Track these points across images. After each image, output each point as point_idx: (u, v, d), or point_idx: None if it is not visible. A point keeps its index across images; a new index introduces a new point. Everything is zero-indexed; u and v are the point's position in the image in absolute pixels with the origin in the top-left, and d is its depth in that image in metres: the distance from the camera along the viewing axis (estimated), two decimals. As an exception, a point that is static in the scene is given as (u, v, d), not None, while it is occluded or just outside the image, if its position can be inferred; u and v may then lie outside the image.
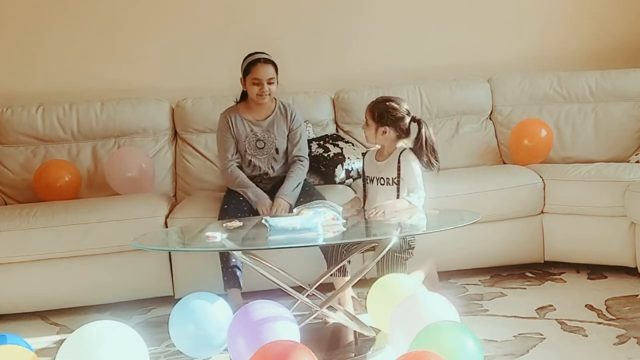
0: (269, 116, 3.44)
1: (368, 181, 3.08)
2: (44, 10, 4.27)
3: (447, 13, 4.53)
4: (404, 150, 2.99)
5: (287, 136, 3.46)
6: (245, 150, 3.41)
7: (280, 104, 3.48)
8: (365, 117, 3.02)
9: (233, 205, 3.26)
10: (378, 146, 3.09)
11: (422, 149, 2.96)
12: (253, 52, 3.40)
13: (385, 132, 2.98)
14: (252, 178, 3.43)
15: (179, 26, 4.37)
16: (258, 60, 3.32)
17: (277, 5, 4.42)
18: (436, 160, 2.98)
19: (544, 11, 4.60)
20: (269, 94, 3.34)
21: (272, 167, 3.45)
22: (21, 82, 4.27)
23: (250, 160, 3.43)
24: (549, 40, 4.60)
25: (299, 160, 3.45)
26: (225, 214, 3.21)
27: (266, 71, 3.31)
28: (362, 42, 4.47)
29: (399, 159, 2.96)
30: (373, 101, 3.04)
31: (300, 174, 3.40)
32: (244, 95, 3.46)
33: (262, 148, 3.42)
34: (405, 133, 3.01)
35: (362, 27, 4.48)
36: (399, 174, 2.97)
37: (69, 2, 4.29)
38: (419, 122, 2.99)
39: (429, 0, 4.52)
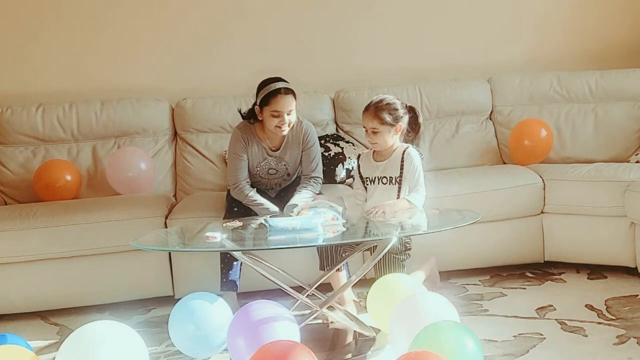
0: (282, 143, 3.28)
1: (368, 182, 3.08)
2: (44, 10, 4.27)
3: (447, 13, 4.53)
4: (407, 148, 3.01)
5: (301, 156, 3.31)
6: (257, 173, 3.33)
7: (294, 126, 3.25)
8: (372, 127, 2.94)
9: (244, 209, 3.24)
10: (369, 149, 3.11)
11: (417, 137, 3.05)
12: (269, 78, 3.20)
13: (399, 130, 2.98)
14: (257, 190, 3.35)
15: (179, 26, 4.37)
16: (278, 91, 3.10)
17: (277, 5, 4.42)
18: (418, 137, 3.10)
19: (544, 11, 4.60)
20: (289, 125, 3.15)
21: (280, 184, 3.43)
22: (21, 82, 4.27)
23: (259, 181, 3.37)
24: (549, 40, 4.60)
25: (314, 179, 3.29)
26: (231, 215, 3.20)
27: (286, 103, 3.10)
28: (362, 42, 4.47)
29: (402, 158, 2.98)
30: (371, 108, 2.96)
31: (311, 190, 3.24)
32: (253, 112, 3.24)
33: (274, 174, 3.35)
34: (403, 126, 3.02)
35: (363, 28, 4.48)
36: (401, 172, 2.98)
37: (69, 2, 4.29)
38: (414, 110, 3.05)
39: (429, 1, 4.52)
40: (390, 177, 3.01)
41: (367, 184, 3.08)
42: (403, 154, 2.98)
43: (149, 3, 4.34)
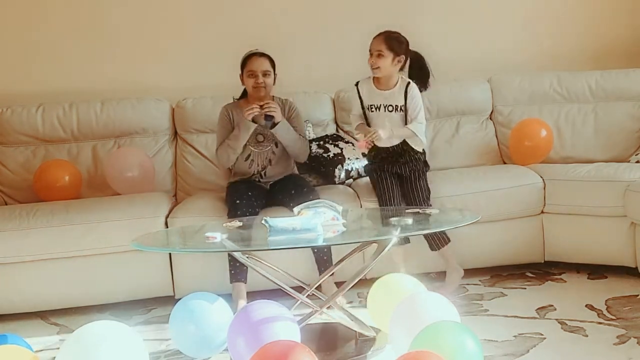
0: None
1: (373, 109, 3.37)
2: (44, 10, 4.27)
3: (447, 13, 4.53)
4: (410, 82, 3.35)
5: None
6: (246, 144, 3.46)
7: (278, 99, 3.56)
8: (378, 49, 3.27)
9: (245, 200, 3.29)
10: (369, 76, 3.41)
11: (425, 75, 3.41)
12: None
13: (400, 61, 3.32)
14: (250, 177, 3.50)
15: (179, 26, 4.37)
16: (253, 54, 3.46)
17: (277, 5, 4.43)
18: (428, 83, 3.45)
19: (544, 11, 4.60)
20: (265, 87, 3.42)
21: (270, 161, 3.50)
22: (21, 82, 4.27)
23: (249, 155, 3.49)
24: (548, 40, 4.60)
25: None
26: (236, 209, 3.22)
27: (260, 63, 3.43)
28: (363, 42, 4.45)
29: (406, 90, 3.32)
30: (383, 33, 3.30)
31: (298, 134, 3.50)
32: (244, 94, 3.57)
33: (262, 142, 3.49)
34: (405, 63, 3.38)
35: (363, 27, 4.46)
36: (406, 102, 3.32)
37: (69, 2, 4.29)
38: (417, 53, 3.41)
39: (429, 1, 4.52)
40: (395, 105, 3.34)
41: (372, 111, 3.37)
42: (407, 86, 3.33)
43: (150, 3, 4.34)
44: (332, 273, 3.13)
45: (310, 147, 3.81)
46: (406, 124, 3.35)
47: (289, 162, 3.62)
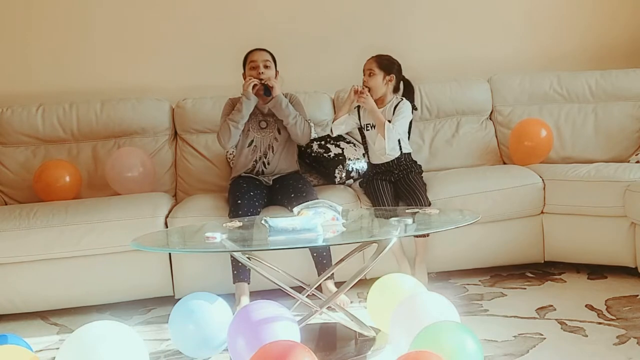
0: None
1: (369, 128, 3.55)
2: (44, 11, 4.28)
3: (446, 13, 4.54)
4: (403, 99, 3.55)
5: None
6: (249, 129, 3.54)
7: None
8: (370, 69, 3.52)
9: (247, 200, 3.30)
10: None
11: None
12: None
13: (391, 80, 3.54)
14: (252, 169, 3.56)
15: (179, 26, 4.38)
16: (254, 49, 3.58)
17: (277, 5, 4.43)
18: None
19: (545, 11, 4.61)
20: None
21: (272, 147, 3.54)
22: (21, 82, 4.27)
23: (252, 141, 3.54)
24: (549, 40, 4.60)
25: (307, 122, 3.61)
26: (238, 209, 3.23)
27: (261, 54, 3.55)
28: (363, 42, 4.47)
29: (396, 105, 3.50)
30: (375, 55, 3.54)
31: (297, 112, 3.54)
32: None
33: (265, 128, 3.57)
34: (398, 87, 3.59)
35: (362, 28, 4.48)
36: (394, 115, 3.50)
37: (69, 3, 4.29)
38: (410, 83, 3.62)
39: (429, 0, 4.52)
40: (388, 121, 3.48)
41: (368, 130, 3.56)
42: (399, 102, 3.52)
43: (150, 3, 4.35)
44: (332, 274, 3.14)
45: (312, 146, 3.81)
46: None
47: (291, 154, 3.63)
